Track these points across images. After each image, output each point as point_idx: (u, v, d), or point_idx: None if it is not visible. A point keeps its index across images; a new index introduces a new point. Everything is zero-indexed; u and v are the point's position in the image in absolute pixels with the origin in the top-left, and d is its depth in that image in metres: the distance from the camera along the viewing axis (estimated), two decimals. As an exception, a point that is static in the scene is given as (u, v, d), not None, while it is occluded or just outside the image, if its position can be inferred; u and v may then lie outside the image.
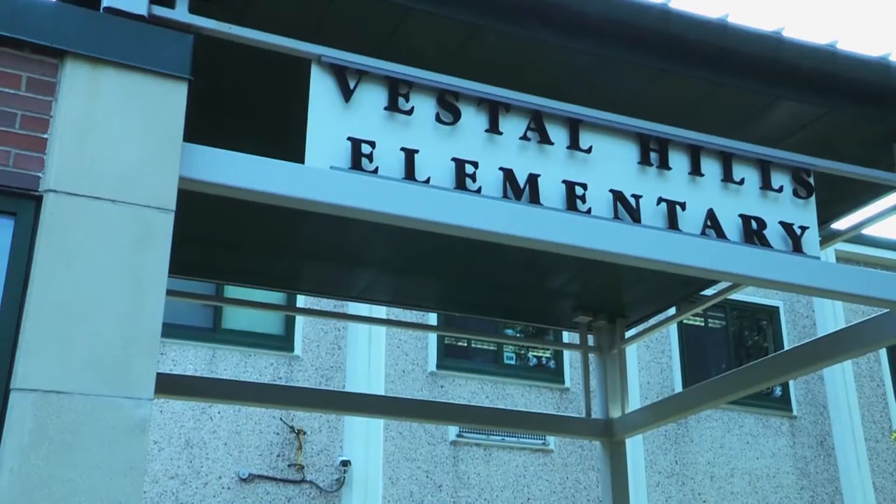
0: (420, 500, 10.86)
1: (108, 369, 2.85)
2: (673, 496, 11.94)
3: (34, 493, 2.66)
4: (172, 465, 10.03)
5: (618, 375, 6.02)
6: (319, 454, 10.66)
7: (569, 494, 11.50)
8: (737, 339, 13.42)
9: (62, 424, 2.74)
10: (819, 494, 12.58)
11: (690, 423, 12.24)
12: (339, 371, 11.03)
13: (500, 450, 11.41)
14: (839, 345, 4.38)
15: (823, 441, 12.90)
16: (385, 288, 5.71)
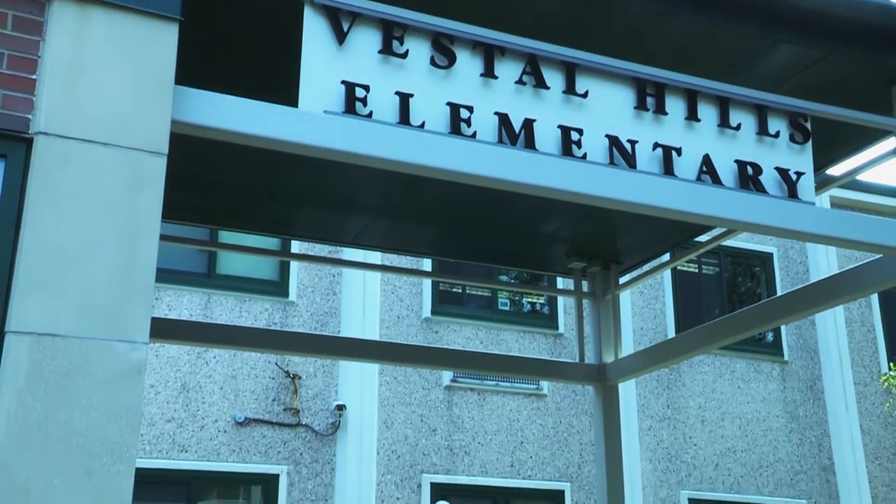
0: (415, 443, 11.00)
1: (103, 313, 2.85)
2: (664, 440, 12.10)
3: (31, 434, 2.69)
4: (169, 408, 10.12)
5: (611, 321, 6.05)
6: (315, 398, 10.76)
7: (561, 438, 11.66)
8: (730, 286, 13.49)
9: (58, 367, 2.75)
10: (808, 437, 12.76)
11: (683, 368, 12.36)
12: (333, 316, 11.08)
13: (493, 394, 11.53)
14: (832, 290, 4.40)
15: (813, 385, 13.05)
16: (379, 233, 5.70)
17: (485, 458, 11.22)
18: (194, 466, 10.01)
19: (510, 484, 11.25)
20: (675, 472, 12.02)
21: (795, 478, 12.52)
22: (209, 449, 10.14)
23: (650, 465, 11.92)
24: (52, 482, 2.73)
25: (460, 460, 11.11)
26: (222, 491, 10.45)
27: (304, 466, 10.46)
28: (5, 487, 2.64)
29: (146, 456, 9.66)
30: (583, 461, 11.59)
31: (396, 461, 10.85)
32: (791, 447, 12.63)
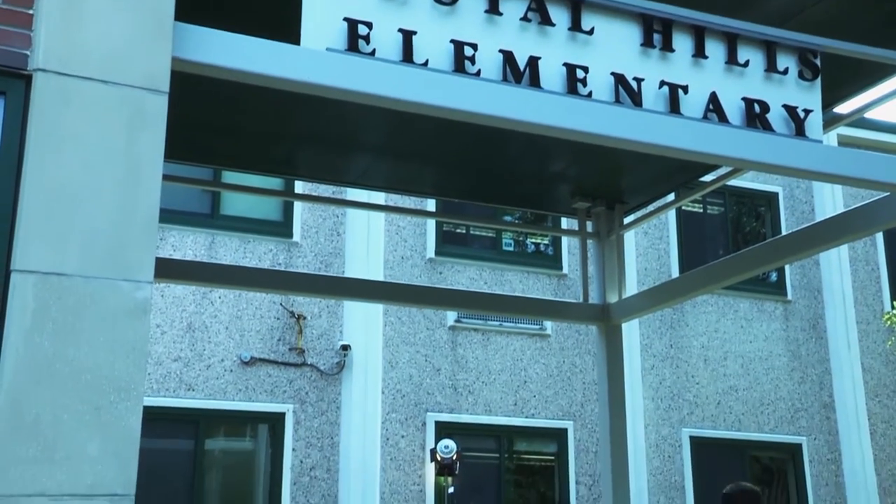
0: (419, 383, 11.11)
1: (107, 252, 2.86)
2: (666, 378, 12.21)
3: (40, 371, 2.71)
4: (175, 347, 10.22)
5: (615, 261, 6.05)
6: (319, 338, 10.84)
7: (565, 378, 11.76)
8: (735, 226, 13.47)
9: (63, 306, 2.77)
10: (809, 375, 12.86)
11: (686, 307, 12.41)
12: (338, 257, 11.11)
13: (497, 334, 11.61)
14: (837, 229, 4.39)
15: (816, 324, 13.11)
16: (383, 173, 5.68)
17: (489, 398, 11.34)
18: (201, 405, 10.14)
19: (514, 423, 11.39)
20: (677, 410, 12.15)
21: (796, 415, 12.65)
22: (216, 388, 10.26)
23: (652, 403, 12.04)
24: (61, 418, 2.76)
25: (464, 399, 11.23)
26: (229, 429, 10.60)
27: (310, 405, 10.58)
28: (17, 422, 2.67)
29: (154, 394, 9.78)
30: (586, 400, 11.71)
31: (401, 400, 10.97)
32: (792, 385, 12.74)
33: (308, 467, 10.38)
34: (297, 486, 10.29)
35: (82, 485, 2.78)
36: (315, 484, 10.35)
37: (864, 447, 12.66)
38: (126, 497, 2.86)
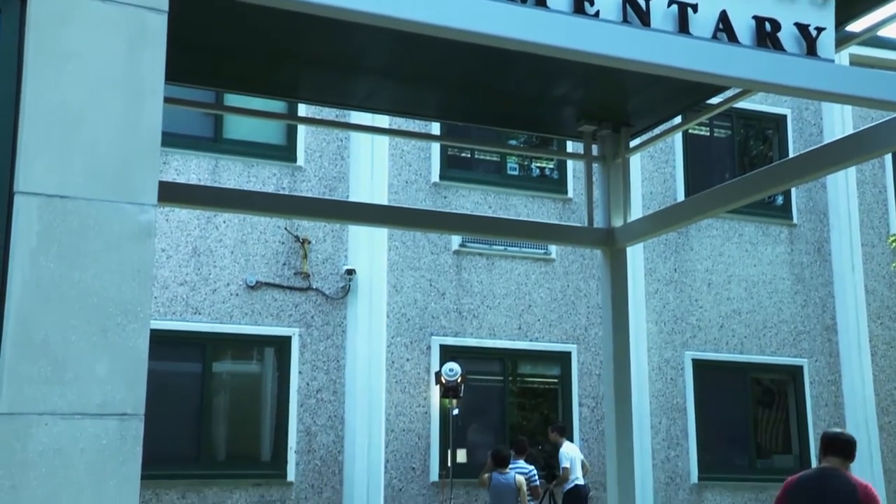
0: (424, 307, 11.19)
1: (110, 175, 2.84)
2: (670, 302, 12.28)
3: (47, 293, 2.73)
4: (181, 272, 10.27)
5: (621, 185, 6.01)
6: (324, 263, 10.88)
7: (569, 301, 11.82)
8: (742, 149, 13.38)
9: (68, 228, 2.77)
10: (812, 298, 12.92)
11: (691, 231, 12.40)
12: (342, 181, 11.07)
13: (502, 259, 11.64)
14: (845, 151, 4.33)
15: (821, 248, 13.11)
16: (386, 96, 5.61)
17: (493, 321, 11.43)
18: (208, 328, 10.24)
19: (518, 346, 11.50)
20: (680, 333, 12.24)
21: (798, 338, 12.75)
22: (222, 311, 10.34)
23: (656, 327, 12.13)
24: (70, 339, 2.78)
25: (469, 323, 11.32)
26: (236, 352, 10.72)
27: (316, 329, 10.68)
28: (26, 342, 2.70)
29: (160, 318, 9.87)
30: (589, 324, 11.79)
31: (406, 324, 11.06)
32: (795, 308, 12.80)
33: (314, 390, 10.53)
34: (303, 407, 10.45)
35: (92, 404, 2.81)
36: (321, 406, 10.52)
37: (865, 368, 12.79)
38: (135, 417, 2.90)
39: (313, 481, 10.33)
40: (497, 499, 9.72)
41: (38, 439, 2.71)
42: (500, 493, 9.66)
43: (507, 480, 9.63)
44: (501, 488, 9.64)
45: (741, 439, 12.32)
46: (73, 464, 2.76)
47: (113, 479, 2.82)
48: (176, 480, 9.80)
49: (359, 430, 10.50)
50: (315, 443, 10.41)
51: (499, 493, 9.67)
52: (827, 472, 4.98)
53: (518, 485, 9.62)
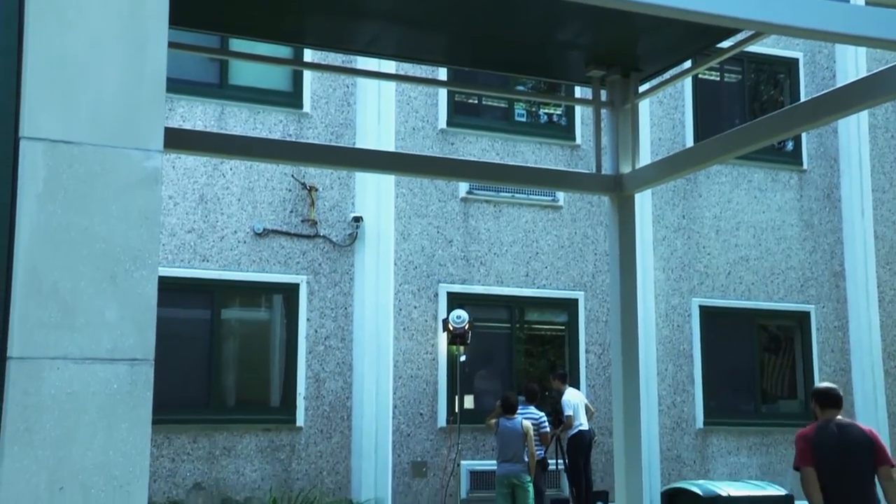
0: (431, 254, 11.20)
1: (115, 121, 2.83)
2: (678, 249, 12.27)
3: (55, 239, 2.73)
4: (188, 219, 10.28)
5: (629, 131, 5.96)
6: (332, 210, 10.87)
7: (576, 249, 11.82)
8: (752, 94, 13.24)
9: (74, 174, 2.76)
10: (821, 245, 12.90)
11: (699, 178, 12.34)
12: (348, 128, 11.02)
13: (509, 206, 11.62)
14: (859, 94, 4.27)
15: (830, 193, 13.05)
16: (392, 41, 5.55)
17: (500, 269, 11.45)
18: (216, 276, 10.29)
19: (525, 293, 11.53)
20: (688, 280, 12.26)
21: (806, 284, 12.76)
22: (230, 259, 10.37)
23: (663, 274, 12.14)
24: (79, 285, 2.80)
25: (476, 270, 11.34)
26: (244, 299, 10.78)
27: (324, 276, 10.71)
28: (36, 287, 2.72)
29: (169, 265, 9.91)
30: (597, 271, 11.80)
31: (413, 271, 11.09)
32: (804, 254, 12.79)
33: (322, 337, 10.60)
34: (312, 354, 10.54)
35: (103, 349, 2.84)
36: (329, 353, 10.60)
37: (872, 314, 12.80)
38: (145, 362, 2.93)
39: (322, 426, 10.46)
40: (503, 444, 9.84)
41: (50, 383, 2.74)
42: (506, 438, 9.77)
43: (513, 426, 9.74)
44: (508, 433, 9.75)
45: (747, 385, 12.40)
46: (85, 407, 2.80)
47: (124, 422, 2.85)
48: (187, 425, 9.93)
49: (367, 377, 10.60)
50: (324, 389, 10.52)
51: (505, 437, 9.79)
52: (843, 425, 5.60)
53: (525, 430, 9.73)
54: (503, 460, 9.81)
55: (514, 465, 9.70)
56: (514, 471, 9.69)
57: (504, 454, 9.80)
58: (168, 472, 9.79)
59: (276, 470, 10.21)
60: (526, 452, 9.73)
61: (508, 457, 9.75)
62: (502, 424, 9.84)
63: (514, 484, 9.66)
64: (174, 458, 9.86)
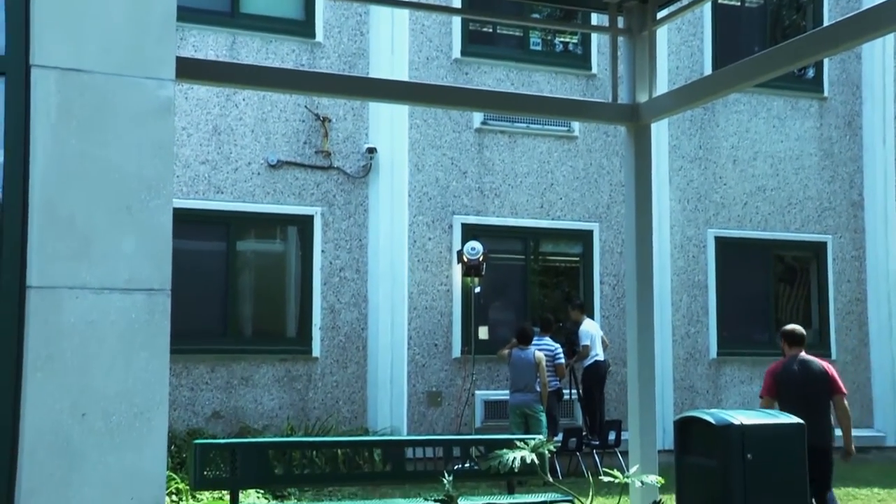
0: (445, 185, 11.16)
1: (126, 49, 2.80)
2: (694, 180, 12.17)
3: (70, 170, 2.73)
4: (202, 150, 10.26)
5: (646, 59, 5.87)
6: (345, 141, 10.81)
7: (591, 180, 11.75)
8: (774, 20, 12.96)
9: (86, 103, 2.74)
10: (840, 174, 12.77)
11: (717, 107, 12.18)
12: (361, 58, 10.89)
13: (524, 137, 11.52)
14: (885, 17, 4.16)
15: (851, 121, 12.86)
16: (407, -34, 5.44)
17: (515, 200, 11.41)
18: (231, 207, 10.30)
19: (540, 224, 11.51)
20: (703, 211, 12.19)
21: (823, 214, 12.67)
22: (244, 190, 10.37)
23: (679, 204, 12.07)
24: (95, 216, 2.80)
25: (490, 202, 11.31)
26: (259, 231, 10.81)
27: (338, 208, 10.71)
28: (53, 219, 2.73)
29: (184, 197, 9.92)
30: (612, 202, 11.75)
31: (428, 203, 11.07)
32: (822, 184, 12.67)
33: (337, 268, 10.65)
34: (327, 286, 10.60)
35: (120, 280, 2.86)
36: (344, 284, 10.66)
37: (890, 243, 12.72)
38: (162, 292, 2.95)
39: (338, 357, 10.57)
40: (516, 374, 9.94)
41: (69, 312, 2.77)
42: (518, 369, 9.87)
43: (526, 356, 9.82)
44: (520, 364, 9.84)
45: (761, 315, 12.42)
46: (104, 336, 2.83)
47: (143, 350, 2.89)
48: (205, 355, 10.06)
49: (382, 308, 10.67)
50: (339, 320, 10.60)
51: (517, 368, 9.88)
52: (805, 360, 6.74)
53: (537, 360, 9.81)
54: (515, 390, 9.92)
55: (526, 395, 9.81)
56: (526, 401, 9.81)
57: (516, 384, 9.91)
58: (187, 400, 9.96)
59: (293, 399, 10.36)
60: (538, 383, 9.83)
61: (520, 387, 9.86)
62: (515, 355, 9.92)
63: (527, 414, 9.79)
64: (193, 387, 10.01)
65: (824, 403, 6.61)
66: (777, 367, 6.84)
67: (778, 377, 6.74)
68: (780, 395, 6.65)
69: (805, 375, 6.64)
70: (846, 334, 12.62)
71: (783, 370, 6.76)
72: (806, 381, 6.63)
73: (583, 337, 10.62)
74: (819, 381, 6.63)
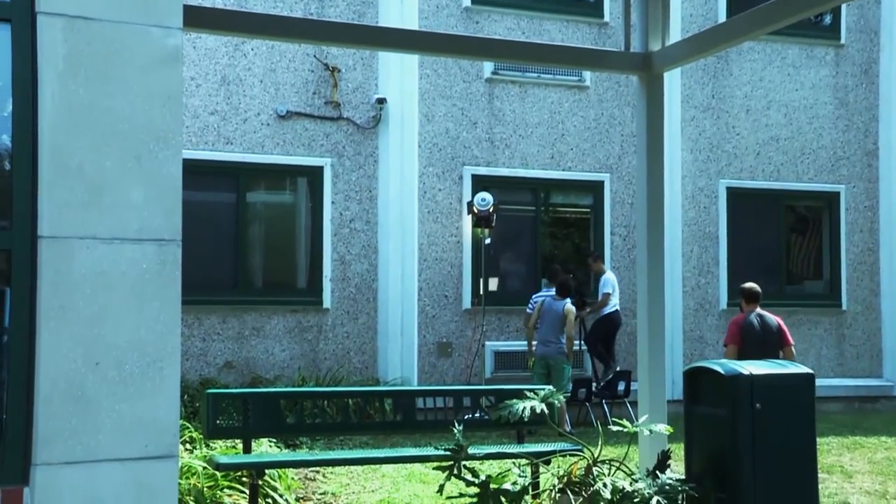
0: (455, 136, 11.10)
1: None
2: (706, 130, 12.07)
3: (78, 119, 2.72)
4: (211, 101, 10.21)
5: (659, 6, 5.77)
6: (355, 92, 10.74)
7: (603, 130, 11.66)
8: (788, -32, 12.71)
9: (94, 51, 2.72)
10: (855, 123, 12.63)
11: (731, 56, 12.01)
12: (370, 7, 10.76)
13: (535, 87, 11.42)
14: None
15: (868, 69, 12.68)
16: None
17: (525, 151, 11.34)
18: (240, 158, 10.28)
19: (550, 175, 11.46)
20: (716, 161, 12.10)
21: (837, 164, 12.56)
22: (254, 141, 10.34)
23: (690, 155, 11.99)
24: (104, 165, 2.80)
25: (501, 153, 11.25)
26: (269, 182, 10.80)
27: (348, 159, 10.68)
28: (62, 168, 2.72)
29: (193, 147, 9.90)
30: (623, 153, 11.67)
31: (438, 154, 11.02)
32: (836, 133, 12.54)
33: (347, 219, 10.65)
34: (337, 237, 10.61)
35: (130, 230, 2.86)
36: (355, 235, 10.66)
37: (904, 192, 12.63)
38: (173, 242, 2.96)
39: (348, 308, 10.62)
40: (542, 324, 9.98)
41: (81, 262, 2.78)
42: (546, 319, 9.92)
43: (556, 308, 9.87)
44: (548, 314, 9.91)
45: (772, 266, 12.39)
46: (116, 286, 2.84)
47: (155, 300, 2.90)
48: (216, 306, 10.12)
49: (392, 259, 10.68)
50: (349, 271, 10.63)
51: (545, 318, 9.93)
52: (762, 315, 7.99)
53: (565, 313, 9.86)
54: (541, 341, 9.99)
55: (549, 347, 9.88)
56: (549, 352, 9.89)
57: (543, 335, 9.98)
58: (199, 350, 10.04)
59: (304, 350, 10.44)
60: (564, 336, 9.87)
61: (544, 338, 9.93)
62: (546, 304, 9.97)
63: (550, 364, 9.88)
64: (205, 337, 10.09)
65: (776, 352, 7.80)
66: (740, 319, 7.98)
67: (742, 328, 7.86)
68: (744, 343, 7.75)
69: (763, 328, 7.87)
70: (857, 285, 12.59)
71: (746, 322, 7.89)
72: (764, 332, 7.84)
73: (605, 285, 10.71)
74: (774, 333, 7.88)
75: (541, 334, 9.99)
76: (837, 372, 12.39)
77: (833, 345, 12.46)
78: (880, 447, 9.24)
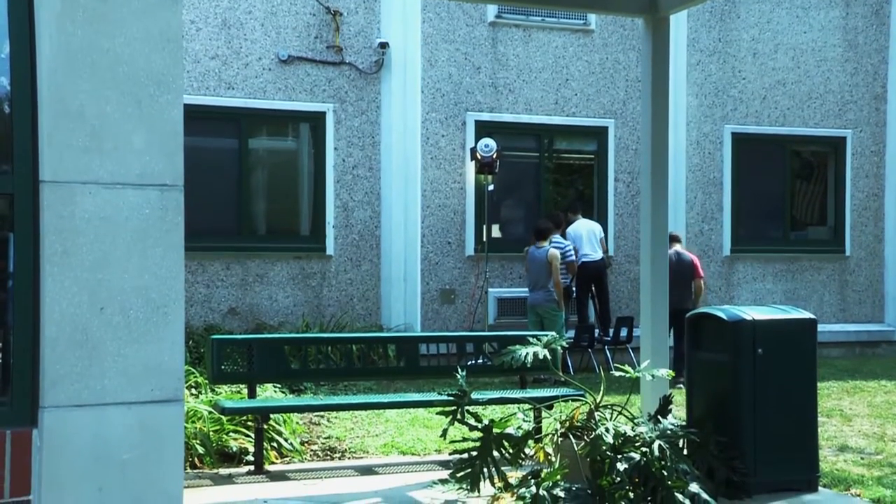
0: (458, 81, 11.00)
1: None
2: (712, 74, 11.95)
3: (78, 62, 2.68)
4: (212, 45, 10.10)
5: (667, -54, 5.67)
6: (357, 36, 10.62)
7: (608, 75, 11.55)
8: None
9: (92, -7, 2.67)
10: (863, 66, 12.49)
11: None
12: (372, -51, 10.59)
13: (539, 30, 11.28)
14: None
15: (879, 10, 12.50)
16: None
17: (529, 96, 11.25)
18: (242, 104, 10.20)
19: (554, 121, 11.38)
20: (721, 106, 12.00)
21: (844, 108, 12.46)
22: (255, 86, 10.25)
23: (696, 100, 11.89)
24: (105, 109, 2.77)
25: (504, 98, 11.15)
26: (271, 128, 10.74)
27: (350, 104, 10.60)
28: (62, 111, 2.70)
29: (194, 92, 9.82)
30: (628, 98, 11.57)
31: (441, 99, 10.93)
32: (844, 77, 12.42)
33: (350, 166, 10.61)
34: (340, 183, 10.58)
35: (132, 174, 2.84)
36: (357, 182, 10.63)
37: (912, 137, 12.54)
38: (175, 188, 2.94)
39: (352, 255, 10.63)
40: (529, 272, 9.96)
41: (83, 207, 2.77)
42: (531, 267, 9.88)
43: (539, 255, 9.80)
44: (532, 261, 9.85)
45: (776, 212, 12.36)
46: (118, 231, 2.83)
47: (158, 246, 2.90)
48: (220, 252, 10.13)
49: (395, 206, 10.66)
50: (352, 218, 10.62)
51: (530, 266, 9.90)
52: (680, 252, 9.74)
53: (549, 259, 9.75)
54: (530, 289, 9.94)
55: (537, 294, 9.78)
56: (538, 300, 9.78)
57: (530, 283, 9.93)
58: (203, 297, 10.08)
59: (307, 296, 10.47)
60: (551, 282, 9.71)
61: (532, 285, 9.87)
62: (530, 252, 9.92)
63: (539, 313, 9.79)
64: (209, 284, 10.12)
65: (690, 283, 9.74)
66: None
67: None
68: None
69: (679, 263, 9.47)
70: (861, 230, 12.57)
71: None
72: (680, 267, 9.39)
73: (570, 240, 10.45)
74: (688, 267, 9.74)
75: (529, 283, 9.92)
76: (839, 318, 12.44)
77: (835, 291, 12.48)
78: (880, 391, 9.32)
